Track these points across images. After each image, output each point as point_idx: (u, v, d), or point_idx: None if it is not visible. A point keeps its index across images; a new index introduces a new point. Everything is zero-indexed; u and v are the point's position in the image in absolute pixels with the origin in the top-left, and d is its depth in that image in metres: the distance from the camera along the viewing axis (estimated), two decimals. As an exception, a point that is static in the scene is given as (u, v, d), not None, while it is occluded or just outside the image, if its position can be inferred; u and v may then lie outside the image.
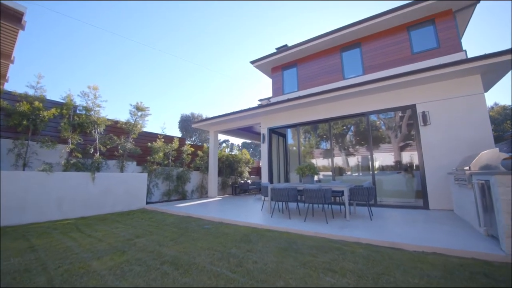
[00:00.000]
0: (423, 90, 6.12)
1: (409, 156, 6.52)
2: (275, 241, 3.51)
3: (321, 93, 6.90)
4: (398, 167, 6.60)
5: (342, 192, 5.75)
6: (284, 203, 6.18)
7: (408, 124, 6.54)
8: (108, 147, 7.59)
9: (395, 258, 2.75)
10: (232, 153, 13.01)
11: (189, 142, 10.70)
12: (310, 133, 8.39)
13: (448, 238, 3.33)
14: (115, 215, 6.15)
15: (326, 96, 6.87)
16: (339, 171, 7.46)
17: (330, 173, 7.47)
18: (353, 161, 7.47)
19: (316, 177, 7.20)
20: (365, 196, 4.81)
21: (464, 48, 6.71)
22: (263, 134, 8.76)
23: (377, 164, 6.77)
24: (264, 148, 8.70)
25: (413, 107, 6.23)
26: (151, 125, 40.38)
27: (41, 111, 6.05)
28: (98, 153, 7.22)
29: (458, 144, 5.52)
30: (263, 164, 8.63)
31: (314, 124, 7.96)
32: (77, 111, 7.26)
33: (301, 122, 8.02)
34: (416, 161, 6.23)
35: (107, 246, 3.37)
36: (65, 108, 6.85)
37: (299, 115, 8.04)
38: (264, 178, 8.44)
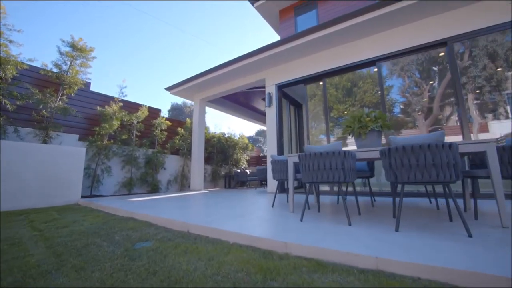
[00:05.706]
0: None
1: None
2: None
3: (371, 8, 4.05)
4: None
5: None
6: (307, 194, 3.31)
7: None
8: (19, 103, 4.66)
9: None
10: (226, 134, 10.10)
11: (165, 116, 7.75)
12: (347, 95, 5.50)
13: None
14: (-3, 216, 3.23)
15: (379, 13, 4.03)
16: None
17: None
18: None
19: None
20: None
21: None
22: (269, 93, 5.88)
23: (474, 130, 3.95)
24: (270, 113, 5.82)
25: (546, 18, 3.42)
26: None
27: None
28: (-2, 112, 4.29)
29: None
30: (270, 136, 5.75)
31: (352, 70, 5.05)
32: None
33: (329, 70, 5.12)
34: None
35: None
36: None
37: (325, 59, 5.17)
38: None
